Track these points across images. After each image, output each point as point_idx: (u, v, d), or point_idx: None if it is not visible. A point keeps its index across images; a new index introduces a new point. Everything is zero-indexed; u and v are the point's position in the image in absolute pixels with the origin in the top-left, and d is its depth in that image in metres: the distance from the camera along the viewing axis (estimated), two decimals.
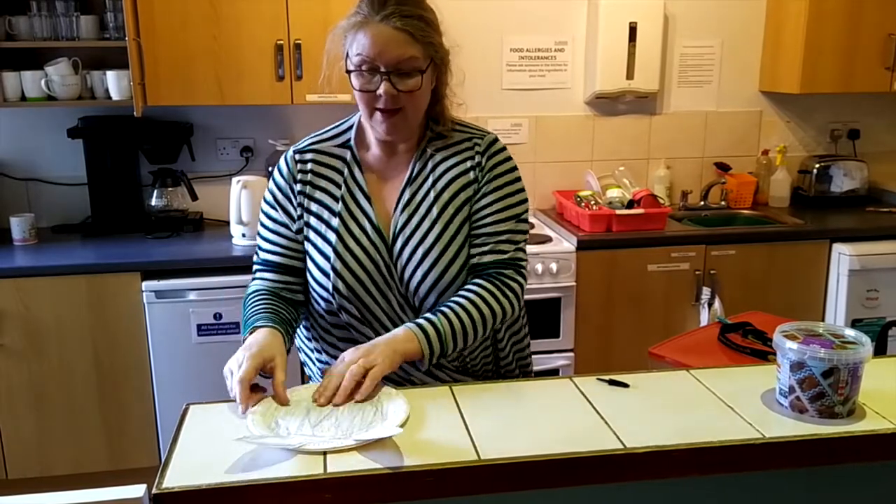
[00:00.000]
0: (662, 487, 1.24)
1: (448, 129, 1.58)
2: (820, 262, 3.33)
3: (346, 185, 1.55)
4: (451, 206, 1.53)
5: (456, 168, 1.55)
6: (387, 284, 1.52)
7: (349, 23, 1.45)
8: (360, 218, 1.53)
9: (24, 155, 3.27)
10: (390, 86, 1.42)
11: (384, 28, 1.40)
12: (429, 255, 1.51)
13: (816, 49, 3.40)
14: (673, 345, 2.23)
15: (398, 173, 1.56)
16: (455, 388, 1.41)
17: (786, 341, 1.28)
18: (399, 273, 1.52)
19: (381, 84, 1.42)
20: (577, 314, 3.15)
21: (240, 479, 1.09)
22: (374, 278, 1.51)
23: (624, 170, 3.60)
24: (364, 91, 1.45)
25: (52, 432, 2.89)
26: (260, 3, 2.95)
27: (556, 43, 3.56)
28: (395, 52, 1.41)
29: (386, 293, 1.52)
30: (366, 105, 1.47)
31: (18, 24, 2.92)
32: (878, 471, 1.30)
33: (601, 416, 1.29)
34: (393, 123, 1.48)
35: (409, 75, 1.43)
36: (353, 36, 1.44)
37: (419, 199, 1.54)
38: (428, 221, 1.52)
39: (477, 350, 1.61)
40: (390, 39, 1.40)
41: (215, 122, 3.38)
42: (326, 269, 1.51)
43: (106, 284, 2.81)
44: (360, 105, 1.50)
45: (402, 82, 1.43)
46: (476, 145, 1.56)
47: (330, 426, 1.24)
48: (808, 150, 3.87)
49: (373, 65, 1.42)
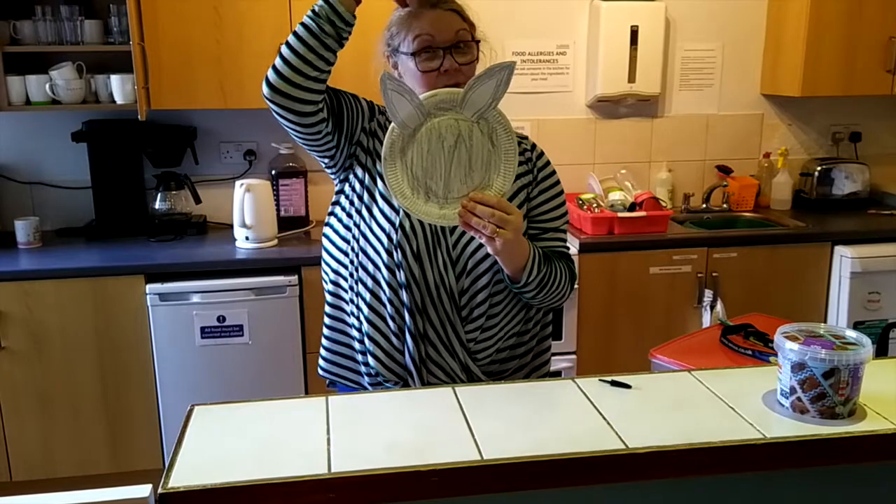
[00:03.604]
0: (664, 488, 1.24)
1: None
2: (822, 264, 3.33)
3: None
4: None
5: None
6: (437, 241, 1.60)
7: (399, 17, 1.60)
8: None
9: (28, 158, 3.29)
10: (452, 60, 1.55)
11: (437, 13, 1.57)
12: None
13: (817, 52, 3.41)
14: (674, 347, 2.24)
15: None
16: (458, 389, 1.42)
17: (787, 342, 1.29)
18: (455, 238, 1.60)
19: (443, 60, 1.54)
20: (580, 316, 3.16)
21: (245, 479, 1.10)
22: (427, 230, 1.60)
23: (626, 173, 3.61)
24: (427, 71, 1.55)
25: (57, 434, 2.90)
26: (263, 7, 2.97)
27: (558, 46, 3.57)
28: (452, 29, 1.56)
29: (435, 249, 1.60)
30: (428, 86, 1.55)
31: (23, 29, 2.94)
32: (879, 471, 1.31)
33: (603, 416, 1.30)
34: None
35: (465, 49, 1.57)
36: (407, 26, 1.57)
37: None
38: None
39: (491, 336, 1.67)
40: (447, 20, 1.57)
41: (219, 125, 3.39)
42: (393, 218, 1.59)
43: (110, 287, 2.82)
44: (420, 88, 1.55)
45: (461, 56, 1.56)
46: (522, 143, 1.68)
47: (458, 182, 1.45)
48: (809, 153, 3.88)
49: (433, 44, 1.55)
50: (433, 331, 1.62)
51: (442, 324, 1.62)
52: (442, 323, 1.62)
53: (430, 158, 1.46)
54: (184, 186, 3.26)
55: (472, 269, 1.61)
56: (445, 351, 1.63)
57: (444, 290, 1.60)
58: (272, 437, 1.24)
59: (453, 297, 1.61)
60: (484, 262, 1.60)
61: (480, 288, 1.62)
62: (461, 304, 1.62)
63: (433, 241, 1.60)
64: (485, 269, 1.61)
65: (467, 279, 1.61)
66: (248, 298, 2.86)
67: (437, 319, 1.61)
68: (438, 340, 1.63)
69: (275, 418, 1.32)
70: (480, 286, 1.62)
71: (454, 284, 1.60)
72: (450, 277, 1.60)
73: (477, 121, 1.46)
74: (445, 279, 1.60)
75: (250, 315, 2.87)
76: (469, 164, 1.46)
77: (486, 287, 1.62)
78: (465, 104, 1.44)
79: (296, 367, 2.96)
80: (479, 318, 1.63)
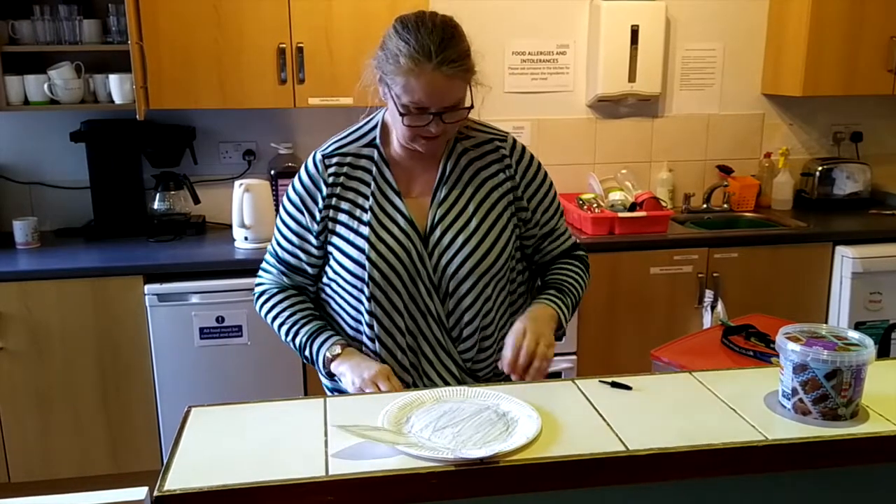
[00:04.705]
0: (665, 490, 1.23)
1: (470, 126, 1.66)
2: (823, 264, 3.32)
3: (376, 183, 1.61)
4: (488, 199, 1.62)
5: (488, 169, 1.64)
6: (416, 272, 1.59)
7: (397, 66, 1.46)
8: (392, 212, 1.60)
9: (27, 158, 3.28)
10: (440, 124, 1.49)
11: (437, 77, 1.44)
12: (469, 242, 1.58)
13: (818, 52, 3.40)
14: (675, 347, 2.23)
15: (426, 169, 1.63)
16: None
17: (788, 343, 1.28)
18: (434, 262, 1.58)
19: (430, 122, 1.49)
20: (580, 317, 3.15)
21: (242, 482, 1.09)
22: (407, 266, 1.58)
23: (626, 172, 3.60)
24: (414, 127, 1.50)
25: (55, 435, 2.89)
26: (262, 7, 2.96)
27: (558, 46, 3.56)
28: (449, 99, 1.48)
29: (416, 280, 1.59)
30: (410, 137, 1.52)
31: (22, 29, 2.93)
32: (882, 473, 1.30)
33: (604, 418, 1.29)
34: (436, 145, 1.56)
35: (457, 110, 1.51)
36: (403, 80, 1.46)
37: (456, 195, 1.61)
38: (467, 214, 1.60)
39: (490, 355, 1.67)
40: (444, 87, 1.46)
41: (218, 125, 3.38)
42: (361, 259, 1.57)
43: (108, 288, 2.81)
44: (401, 132, 1.53)
45: (451, 117, 1.50)
46: (501, 147, 1.66)
47: (449, 434, 1.23)
48: (810, 153, 3.87)
49: (424, 107, 1.47)
50: (425, 359, 1.63)
51: (433, 349, 1.62)
52: (433, 349, 1.62)
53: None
54: (183, 186, 3.25)
55: (455, 290, 1.59)
56: (444, 369, 1.63)
57: (430, 317, 1.60)
58: (270, 439, 1.23)
59: (441, 322, 1.60)
60: (465, 283, 1.59)
61: (466, 308, 1.60)
62: (450, 327, 1.61)
63: (413, 273, 1.58)
64: (467, 290, 1.59)
65: (451, 301, 1.60)
66: (247, 299, 2.83)
67: (429, 346, 1.62)
68: (431, 364, 1.63)
69: (273, 420, 1.31)
70: (465, 306, 1.60)
71: (440, 309, 1.60)
72: (435, 304, 1.59)
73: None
74: (431, 306, 1.59)
75: (249, 316, 2.86)
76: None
77: (472, 307, 1.60)
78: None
79: (295, 368, 2.95)
80: (471, 338, 1.63)
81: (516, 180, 1.65)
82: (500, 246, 1.61)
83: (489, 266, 1.59)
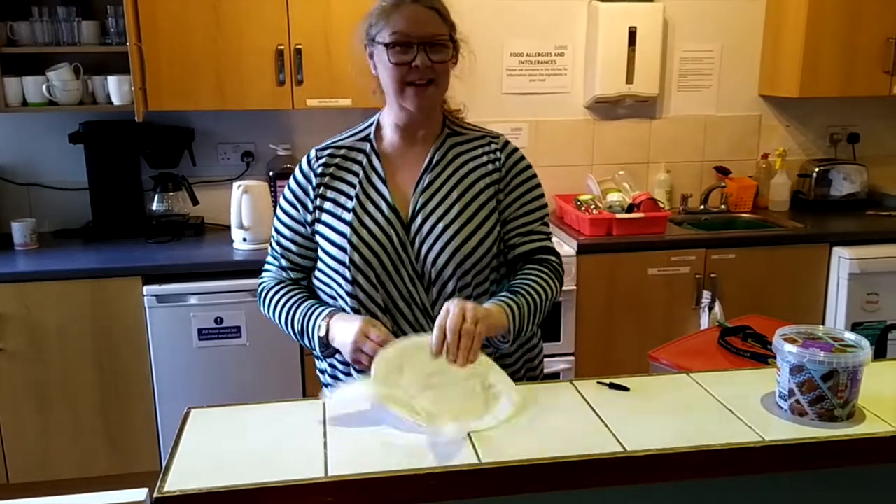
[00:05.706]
0: (662, 491, 1.24)
1: (462, 125, 1.71)
2: (820, 265, 3.33)
3: (364, 172, 1.65)
4: (471, 190, 1.63)
5: (475, 160, 1.66)
6: (399, 259, 1.60)
7: (380, 8, 1.58)
8: (376, 198, 1.62)
9: (25, 160, 3.28)
10: (425, 57, 1.54)
11: (418, 8, 1.56)
12: (448, 229, 1.59)
13: (816, 53, 3.41)
14: (673, 348, 2.23)
15: (415, 160, 1.66)
16: None
17: (785, 344, 1.28)
18: (416, 249, 1.60)
19: (416, 56, 1.54)
20: (578, 318, 3.16)
21: (241, 483, 1.10)
22: (389, 252, 1.60)
23: (624, 174, 3.60)
24: (399, 64, 1.55)
25: (54, 436, 2.89)
26: (261, 9, 2.96)
27: (556, 47, 3.56)
28: (430, 28, 1.56)
29: (398, 267, 1.60)
30: (398, 81, 1.57)
31: (20, 30, 2.93)
32: (878, 474, 1.31)
33: (601, 419, 1.30)
34: (426, 96, 1.58)
35: (440, 48, 1.56)
36: (386, 18, 1.56)
37: (440, 184, 1.63)
38: (449, 201, 1.61)
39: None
40: (424, 17, 1.56)
41: (216, 126, 3.38)
42: (343, 244, 1.60)
43: (107, 289, 2.81)
44: (391, 83, 1.58)
45: (435, 54, 1.56)
46: (493, 143, 1.69)
47: (431, 396, 1.33)
48: (807, 154, 3.88)
49: (408, 40, 1.54)
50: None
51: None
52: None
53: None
54: (181, 188, 3.25)
55: (437, 278, 1.60)
56: None
57: (415, 305, 1.60)
58: (269, 440, 1.24)
59: (426, 310, 1.60)
60: (446, 270, 1.59)
61: (449, 297, 1.59)
62: (434, 316, 1.57)
63: (396, 260, 1.59)
64: (448, 278, 1.60)
65: (434, 289, 1.61)
66: (245, 300, 2.85)
67: (414, 334, 1.59)
68: None
69: (272, 421, 1.32)
70: (448, 295, 1.60)
71: (424, 298, 1.60)
72: (419, 292, 1.60)
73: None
74: (415, 295, 1.60)
75: (248, 317, 2.87)
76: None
77: (455, 297, 1.59)
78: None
79: (293, 369, 2.95)
80: None
81: (502, 173, 1.66)
82: (482, 235, 1.61)
83: (469, 254, 1.59)
